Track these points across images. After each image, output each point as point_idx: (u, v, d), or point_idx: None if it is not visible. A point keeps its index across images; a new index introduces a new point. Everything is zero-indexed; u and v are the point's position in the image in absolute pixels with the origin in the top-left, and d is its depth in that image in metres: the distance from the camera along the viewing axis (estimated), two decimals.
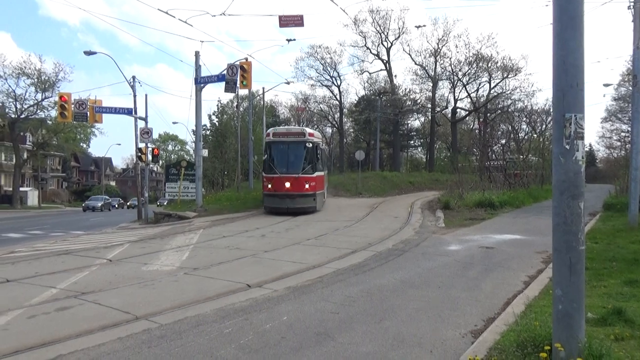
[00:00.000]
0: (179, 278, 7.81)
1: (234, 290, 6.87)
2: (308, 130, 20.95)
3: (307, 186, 18.85)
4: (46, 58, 46.59)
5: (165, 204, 25.83)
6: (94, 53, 26.61)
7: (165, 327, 5.21)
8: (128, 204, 58.97)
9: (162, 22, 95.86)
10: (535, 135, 40.87)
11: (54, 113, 44.62)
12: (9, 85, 45.70)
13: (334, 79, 55.98)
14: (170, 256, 9.94)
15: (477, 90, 51.69)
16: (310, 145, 19.24)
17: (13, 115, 47.76)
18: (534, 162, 34.38)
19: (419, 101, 53.97)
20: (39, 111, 48.20)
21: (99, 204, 48.40)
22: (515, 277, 7.75)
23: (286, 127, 25.99)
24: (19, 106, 46.77)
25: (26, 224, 25.71)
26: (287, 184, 18.57)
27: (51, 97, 45.78)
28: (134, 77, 24.91)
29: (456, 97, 52.39)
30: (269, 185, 19.13)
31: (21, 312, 5.83)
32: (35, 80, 45.73)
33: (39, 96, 46.81)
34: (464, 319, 5.46)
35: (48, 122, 51.12)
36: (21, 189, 50.39)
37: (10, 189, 50.59)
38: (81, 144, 70.83)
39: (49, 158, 64.52)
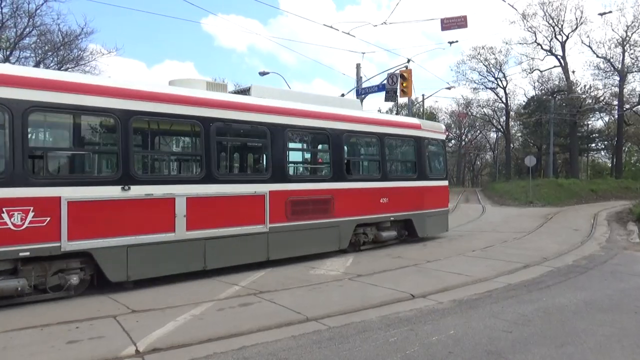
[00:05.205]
0: (344, 283, 8.09)
1: (397, 299, 6.86)
2: None
3: None
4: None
5: None
6: (267, 73, 29.32)
7: (333, 329, 5.43)
8: None
9: (317, 39, 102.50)
10: None
11: None
12: None
13: (498, 80, 52.96)
14: (335, 262, 10.35)
15: None
16: None
17: None
18: None
19: (602, 98, 47.78)
20: None
21: None
22: None
23: None
24: None
25: None
26: None
27: None
28: None
29: None
30: None
31: (212, 304, 6.65)
32: None
33: None
34: None
35: None
36: None
37: None
38: None
39: None
